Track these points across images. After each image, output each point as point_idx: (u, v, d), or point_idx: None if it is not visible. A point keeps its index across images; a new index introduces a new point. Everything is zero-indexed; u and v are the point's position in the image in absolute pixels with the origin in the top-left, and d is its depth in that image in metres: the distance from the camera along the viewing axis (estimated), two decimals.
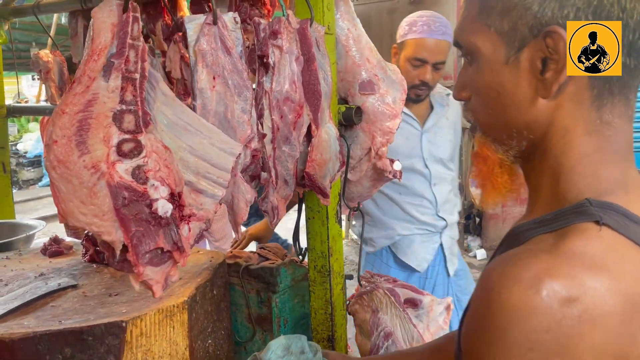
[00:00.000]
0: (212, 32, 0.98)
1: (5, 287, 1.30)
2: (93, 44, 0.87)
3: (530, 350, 0.57)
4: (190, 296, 1.21)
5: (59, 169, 0.82)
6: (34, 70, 2.10)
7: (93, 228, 0.84)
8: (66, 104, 0.85)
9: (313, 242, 1.39)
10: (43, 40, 7.80)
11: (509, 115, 0.73)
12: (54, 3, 2.17)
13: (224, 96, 0.99)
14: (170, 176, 0.88)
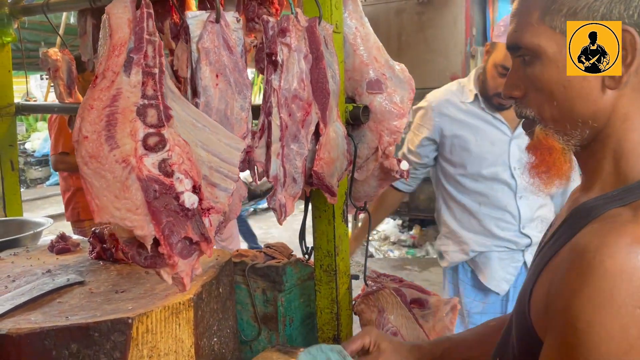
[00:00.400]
0: (215, 30, 0.98)
1: (13, 283, 1.30)
2: (112, 39, 0.87)
3: (637, 307, 0.64)
4: (197, 294, 1.21)
5: (91, 164, 0.82)
6: (43, 68, 2.11)
7: (127, 223, 0.84)
8: (93, 98, 0.85)
9: (319, 241, 1.39)
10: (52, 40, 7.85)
11: (576, 107, 0.80)
12: (63, 2, 2.18)
13: (226, 94, 0.99)
14: (192, 169, 0.89)
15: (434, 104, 2.28)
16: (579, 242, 0.73)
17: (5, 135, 2.20)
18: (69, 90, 2.09)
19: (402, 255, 6.05)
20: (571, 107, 0.81)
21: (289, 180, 1.14)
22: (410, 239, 6.35)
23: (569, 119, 0.82)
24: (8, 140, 2.22)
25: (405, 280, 1.40)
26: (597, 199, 0.80)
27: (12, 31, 2.18)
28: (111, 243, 1.44)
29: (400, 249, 6.20)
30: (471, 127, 2.16)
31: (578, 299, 0.68)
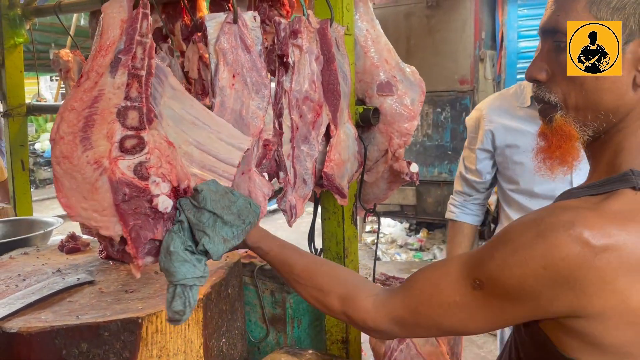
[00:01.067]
0: (233, 30, 0.98)
1: (23, 282, 1.31)
2: (101, 39, 0.87)
3: (544, 268, 0.73)
4: (206, 294, 1.21)
5: (63, 165, 0.83)
6: (55, 69, 2.13)
7: (92, 223, 0.84)
8: (74, 99, 0.85)
9: (328, 243, 1.39)
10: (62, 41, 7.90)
11: (603, 99, 0.82)
12: (75, 3, 2.19)
13: (242, 94, 0.99)
14: (172, 172, 0.89)
15: (485, 111, 1.95)
16: (538, 209, 0.80)
17: (16, 135, 2.22)
18: None
19: (409, 258, 6.03)
20: (598, 99, 0.83)
21: (299, 181, 1.14)
22: (417, 242, 6.33)
23: (592, 109, 0.84)
24: (19, 140, 2.24)
25: None
26: (582, 186, 0.85)
27: (24, 32, 2.20)
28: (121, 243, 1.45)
29: (408, 252, 6.18)
30: (526, 136, 1.80)
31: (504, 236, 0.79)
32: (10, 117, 2.18)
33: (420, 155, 5.63)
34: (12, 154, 2.23)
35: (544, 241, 0.73)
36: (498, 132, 1.88)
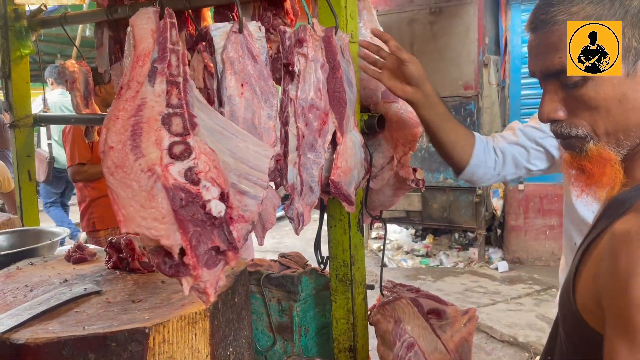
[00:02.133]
0: (239, 40, 0.99)
1: (31, 292, 1.31)
2: (136, 50, 0.88)
3: None
4: (212, 303, 1.20)
5: (117, 174, 0.83)
6: (60, 80, 2.14)
7: (153, 232, 0.83)
8: (118, 109, 0.86)
9: (335, 250, 1.38)
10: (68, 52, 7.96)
11: (631, 118, 0.86)
12: (80, 14, 2.21)
13: (252, 103, 0.99)
14: (219, 177, 0.89)
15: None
16: (620, 228, 0.77)
17: (22, 145, 2.23)
18: (86, 101, 2.12)
19: (416, 264, 6.00)
20: (626, 119, 0.86)
21: (305, 189, 1.14)
22: (423, 248, 6.31)
23: (623, 130, 0.86)
24: (26, 151, 2.25)
25: (422, 291, 1.39)
26: (629, 191, 0.85)
27: (31, 44, 2.22)
28: (127, 253, 1.45)
29: (414, 259, 6.15)
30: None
31: (635, 280, 0.71)
32: (17, 127, 2.19)
33: (425, 161, 5.62)
34: (18, 165, 2.24)
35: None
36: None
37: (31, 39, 2.22)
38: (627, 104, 0.85)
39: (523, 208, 5.68)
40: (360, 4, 1.36)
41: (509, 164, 1.56)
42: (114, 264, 1.47)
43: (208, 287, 0.89)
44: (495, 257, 5.87)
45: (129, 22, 0.88)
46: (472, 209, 5.67)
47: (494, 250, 5.98)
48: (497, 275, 5.47)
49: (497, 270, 5.58)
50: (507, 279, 5.32)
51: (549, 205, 5.57)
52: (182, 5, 1.65)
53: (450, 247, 6.33)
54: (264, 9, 1.56)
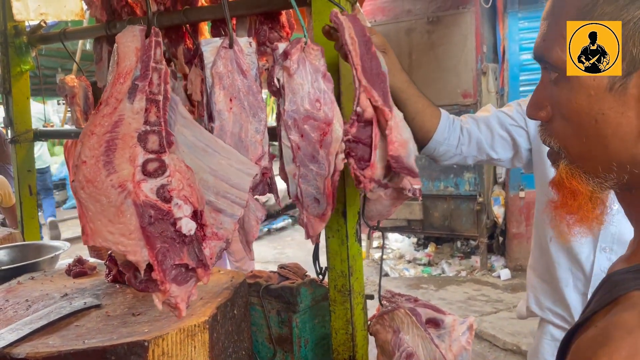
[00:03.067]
0: (229, 55, 1.00)
1: (31, 307, 1.32)
2: (119, 67, 0.90)
3: None
4: (212, 316, 1.21)
5: (87, 189, 0.84)
6: (60, 95, 2.16)
7: (120, 247, 0.85)
8: (94, 125, 0.87)
9: (333, 261, 1.39)
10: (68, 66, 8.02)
11: (610, 147, 0.65)
12: (79, 30, 2.24)
13: (240, 117, 1.01)
14: (193, 195, 0.90)
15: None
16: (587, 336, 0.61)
17: (23, 160, 2.25)
18: (86, 115, 2.13)
19: (418, 273, 6.00)
20: (604, 147, 0.65)
21: (308, 200, 1.15)
22: (425, 257, 6.31)
23: (601, 159, 0.66)
24: (26, 165, 2.26)
25: (420, 300, 1.40)
26: (631, 270, 0.64)
27: (31, 59, 2.24)
28: None
29: (416, 268, 6.15)
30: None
31: None
32: (17, 142, 2.21)
33: (425, 169, 5.63)
34: (19, 179, 2.25)
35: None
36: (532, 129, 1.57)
37: (31, 54, 2.25)
38: (607, 128, 0.64)
39: (524, 215, 5.67)
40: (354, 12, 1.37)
41: (472, 146, 1.54)
42: (114, 278, 1.48)
43: (179, 302, 0.91)
44: (497, 265, 5.86)
45: (115, 39, 0.89)
46: (474, 217, 5.67)
47: (496, 258, 5.98)
48: (499, 283, 5.46)
49: (500, 278, 5.57)
50: (509, 287, 5.30)
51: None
52: (179, 20, 1.68)
53: (452, 256, 6.32)
54: (260, 23, 1.58)
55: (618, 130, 0.64)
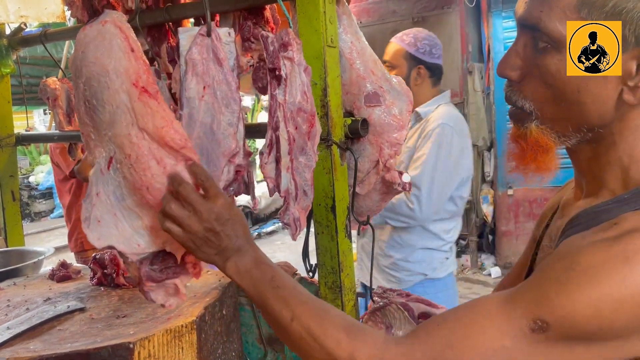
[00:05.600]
0: (205, 43, 0.98)
1: (12, 312, 1.28)
2: (139, 55, 0.95)
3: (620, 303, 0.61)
4: (199, 316, 1.18)
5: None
6: (42, 98, 2.11)
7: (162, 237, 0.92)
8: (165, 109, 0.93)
9: (323, 257, 1.36)
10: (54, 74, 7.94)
11: (585, 112, 0.74)
12: (60, 31, 2.19)
13: (212, 107, 0.97)
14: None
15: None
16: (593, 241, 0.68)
17: (5, 165, 2.20)
18: (69, 118, 2.09)
19: None
20: (580, 112, 0.74)
21: (300, 193, 1.13)
22: None
23: (573, 122, 0.75)
24: (9, 170, 2.22)
25: (412, 294, 1.37)
26: (607, 203, 0.75)
27: (11, 62, 2.19)
28: (112, 268, 1.42)
29: None
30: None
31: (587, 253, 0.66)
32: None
33: None
34: (1, 185, 2.20)
35: (636, 268, 0.61)
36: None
37: (12, 58, 2.20)
38: (587, 96, 0.73)
39: (513, 213, 5.69)
40: (340, 9, 1.36)
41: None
42: (99, 280, 1.44)
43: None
44: (487, 263, 5.86)
45: (109, 22, 0.86)
46: (463, 216, 5.66)
47: (486, 256, 5.98)
48: (490, 281, 5.46)
49: (490, 276, 5.57)
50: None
51: (538, 210, 5.58)
52: (161, 18, 1.64)
53: None
54: (244, 18, 1.55)
55: (596, 99, 0.73)
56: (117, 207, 0.89)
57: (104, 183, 0.87)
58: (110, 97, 0.87)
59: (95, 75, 0.85)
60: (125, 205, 0.90)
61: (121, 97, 0.86)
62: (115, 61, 0.85)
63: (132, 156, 0.87)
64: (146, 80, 0.87)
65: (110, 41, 0.85)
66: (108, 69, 0.85)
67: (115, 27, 0.87)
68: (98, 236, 0.86)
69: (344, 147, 1.35)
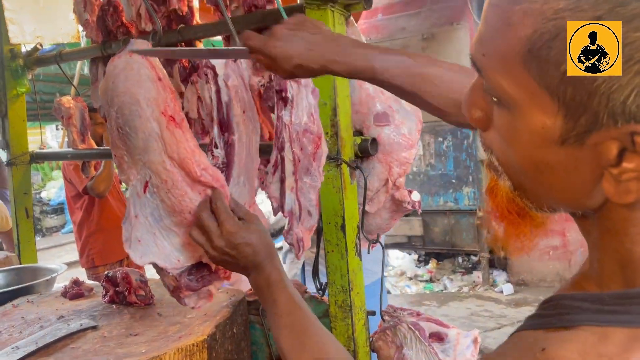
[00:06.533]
0: (235, 68, 1.01)
1: (26, 329, 1.29)
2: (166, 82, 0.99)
3: None
4: (210, 334, 1.19)
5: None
6: (57, 116, 2.15)
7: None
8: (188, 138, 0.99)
9: (333, 276, 1.37)
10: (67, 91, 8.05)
11: (555, 195, 0.57)
12: (75, 51, 2.24)
13: (248, 129, 1.03)
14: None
15: None
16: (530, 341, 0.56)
17: (20, 183, 2.23)
18: (82, 136, 2.12)
19: (420, 290, 5.94)
20: (547, 193, 0.57)
21: (304, 213, 1.14)
22: (427, 273, 6.26)
23: (544, 198, 0.58)
24: (23, 188, 2.25)
25: (423, 314, 1.37)
26: (584, 297, 0.56)
27: (27, 82, 2.24)
28: (124, 286, 1.43)
29: (418, 284, 6.10)
30: None
31: None
32: (14, 165, 2.20)
33: (424, 185, 5.63)
34: (16, 202, 2.23)
35: None
36: None
37: (27, 77, 2.25)
38: (551, 178, 0.55)
39: None
40: (349, 29, 1.38)
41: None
42: (111, 298, 1.45)
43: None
44: (499, 280, 5.81)
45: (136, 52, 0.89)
46: (474, 232, 5.64)
47: (498, 272, 5.93)
48: (502, 298, 5.41)
49: (503, 293, 5.51)
50: (512, 302, 5.25)
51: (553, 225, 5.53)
52: (174, 39, 1.68)
53: (454, 271, 6.27)
54: None
55: (566, 183, 0.54)
56: (155, 227, 0.97)
57: (141, 205, 0.93)
58: (142, 124, 0.91)
59: (126, 104, 0.89)
60: (164, 225, 0.97)
61: (152, 125, 0.91)
62: (144, 91, 0.89)
63: (169, 182, 0.93)
64: (173, 108, 0.93)
65: (139, 71, 0.89)
66: (138, 98, 0.89)
67: (142, 57, 0.90)
68: (140, 255, 0.92)
69: (353, 166, 1.36)
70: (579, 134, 0.51)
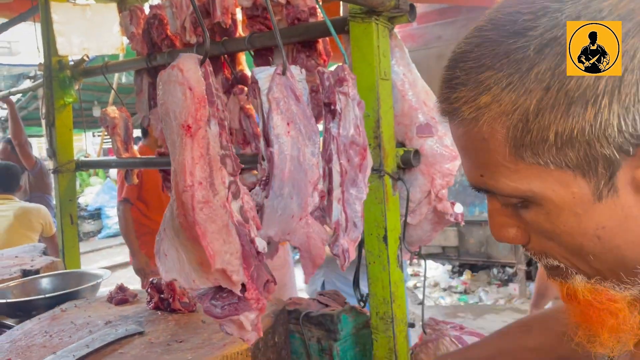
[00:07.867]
0: (283, 81, 1.02)
1: (76, 334, 1.33)
2: (194, 91, 0.90)
3: None
4: (253, 344, 1.20)
5: (205, 210, 0.85)
6: (102, 125, 2.21)
7: (229, 267, 0.85)
8: (196, 147, 0.89)
9: (374, 287, 1.37)
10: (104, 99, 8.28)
11: (627, 254, 0.55)
12: (121, 63, 2.31)
13: (297, 141, 1.03)
14: (256, 217, 0.92)
15: None
16: None
17: (65, 190, 2.31)
18: (126, 145, 2.18)
19: (454, 302, 5.86)
20: (620, 257, 0.55)
21: (350, 224, 1.14)
22: (461, 285, 6.17)
23: (621, 269, 0.56)
24: (68, 195, 2.32)
25: (467, 328, 1.36)
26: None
27: (74, 92, 2.31)
28: (168, 293, 1.46)
29: (452, 296, 6.01)
30: None
31: None
32: (60, 173, 2.27)
33: (460, 194, 5.55)
34: (61, 209, 2.30)
35: None
36: None
37: (74, 88, 2.32)
38: (614, 239, 0.54)
39: None
40: (392, 42, 1.38)
41: None
42: (155, 305, 1.48)
43: (258, 321, 0.91)
44: None
45: (176, 66, 0.90)
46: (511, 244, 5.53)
47: None
48: None
49: None
50: None
51: None
52: (218, 51, 1.71)
53: (490, 283, 6.16)
54: (297, 51, 1.60)
55: (629, 236, 0.54)
56: (176, 242, 0.91)
57: (170, 217, 0.91)
58: (170, 135, 0.91)
59: (164, 115, 0.90)
60: (180, 241, 0.91)
61: (174, 136, 0.90)
62: (173, 104, 0.89)
63: (173, 194, 0.91)
64: (195, 116, 0.89)
65: (175, 84, 0.89)
66: (169, 109, 0.89)
67: (179, 70, 0.91)
68: (166, 269, 0.89)
69: (396, 177, 1.36)
70: (607, 181, 0.52)
